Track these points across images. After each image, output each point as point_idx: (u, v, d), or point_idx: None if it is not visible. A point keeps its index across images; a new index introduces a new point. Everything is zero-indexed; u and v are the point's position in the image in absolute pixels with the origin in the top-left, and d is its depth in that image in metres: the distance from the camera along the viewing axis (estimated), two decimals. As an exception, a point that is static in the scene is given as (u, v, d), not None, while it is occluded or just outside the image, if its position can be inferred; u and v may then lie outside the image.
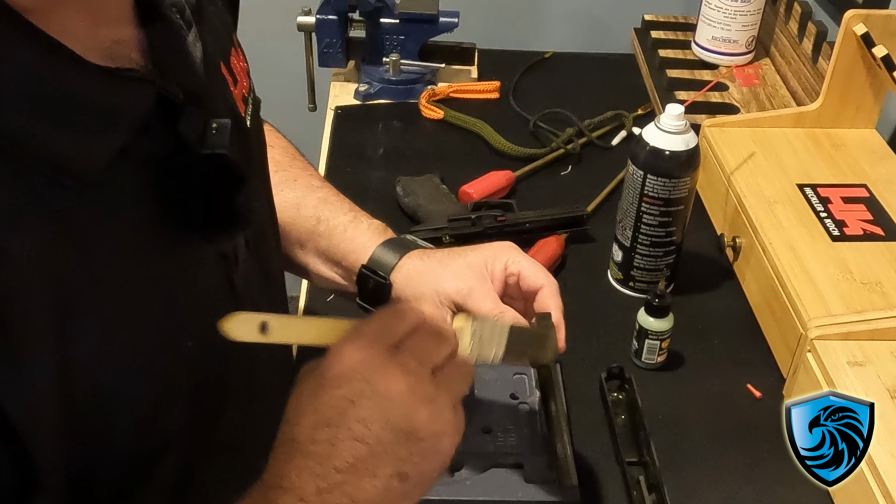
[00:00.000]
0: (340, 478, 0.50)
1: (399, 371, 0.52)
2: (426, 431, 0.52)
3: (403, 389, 0.52)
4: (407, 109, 1.36)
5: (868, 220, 1.02)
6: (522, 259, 0.76)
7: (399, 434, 0.51)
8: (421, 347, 0.54)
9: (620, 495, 0.81)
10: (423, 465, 0.53)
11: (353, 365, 0.52)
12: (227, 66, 0.62)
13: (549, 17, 1.81)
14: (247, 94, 0.65)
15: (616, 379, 0.91)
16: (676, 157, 0.94)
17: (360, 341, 0.53)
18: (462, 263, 0.76)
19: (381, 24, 1.37)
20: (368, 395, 0.51)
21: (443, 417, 0.53)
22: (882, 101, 1.16)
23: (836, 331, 0.87)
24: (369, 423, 0.51)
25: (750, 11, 1.37)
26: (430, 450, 0.53)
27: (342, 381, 0.52)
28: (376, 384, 0.51)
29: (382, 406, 0.51)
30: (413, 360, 0.53)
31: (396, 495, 0.52)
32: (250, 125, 0.64)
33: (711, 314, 1.01)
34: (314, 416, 0.52)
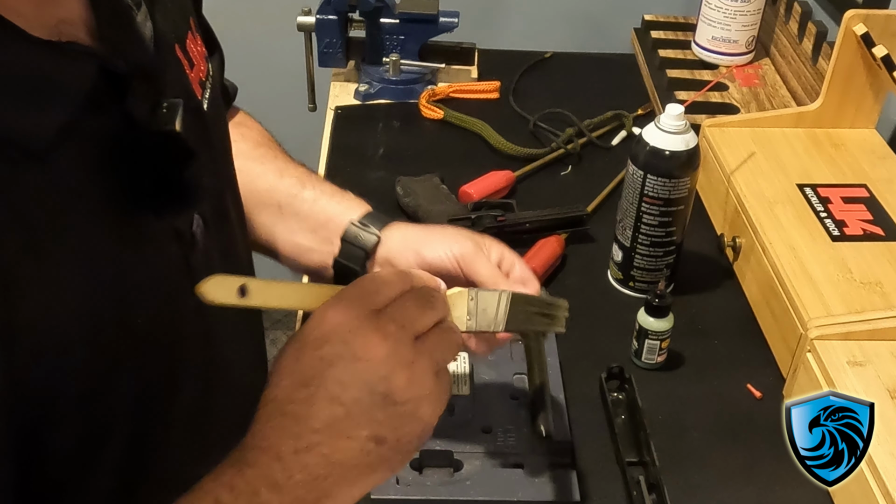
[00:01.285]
0: (317, 438, 0.51)
1: (378, 335, 0.53)
2: (404, 395, 0.53)
3: (382, 353, 0.52)
4: (407, 109, 1.36)
5: (868, 220, 1.02)
6: (515, 256, 0.77)
7: (376, 397, 0.52)
8: (404, 312, 0.54)
9: (620, 495, 0.81)
10: (400, 430, 0.53)
11: (333, 327, 0.53)
12: (182, 48, 0.62)
13: (549, 17, 1.81)
14: (204, 79, 0.65)
15: (616, 379, 0.91)
16: (676, 157, 0.94)
17: (342, 304, 0.54)
18: (457, 232, 0.77)
19: (381, 24, 1.37)
20: (346, 357, 0.52)
21: (422, 382, 0.54)
22: (882, 101, 1.16)
23: (835, 331, 0.87)
24: (346, 384, 0.52)
25: (750, 11, 1.37)
26: (407, 414, 0.53)
27: (322, 343, 0.53)
28: (354, 347, 0.52)
29: (359, 368, 0.52)
30: (393, 324, 0.53)
31: (374, 458, 0.53)
32: (208, 109, 0.64)
33: (711, 314, 1.01)
34: (293, 377, 0.53)
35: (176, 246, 0.57)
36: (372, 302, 0.54)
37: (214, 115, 0.67)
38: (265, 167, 0.84)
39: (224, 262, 0.66)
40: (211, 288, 0.53)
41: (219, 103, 0.70)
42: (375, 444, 0.52)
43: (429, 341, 0.55)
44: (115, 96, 0.50)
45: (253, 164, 0.84)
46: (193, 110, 0.60)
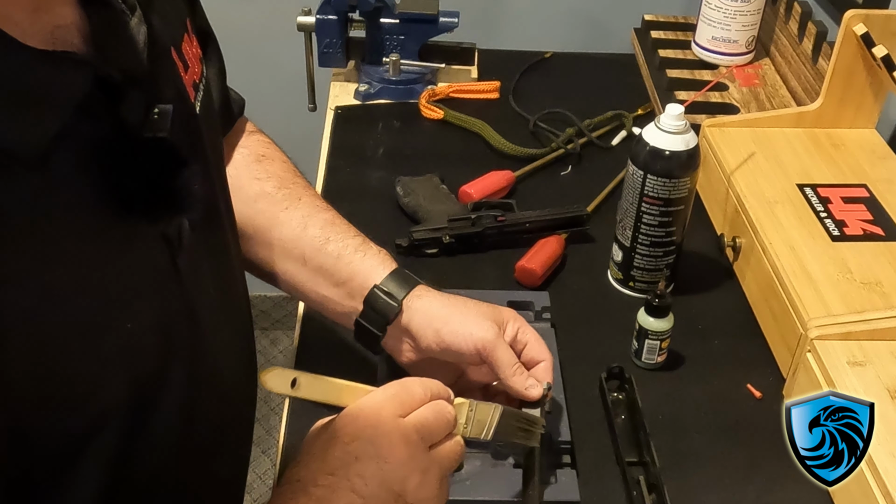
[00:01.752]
0: None
1: (402, 440, 0.61)
2: (414, 497, 0.60)
3: (402, 456, 0.60)
4: (407, 109, 1.36)
5: (868, 220, 1.02)
6: (530, 330, 0.80)
7: (391, 494, 0.60)
8: (424, 423, 0.63)
9: (620, 495, 0.81)
10: None
11: (364, 426, 0.61)
12: (178, 51, 0.62)
13: (549, 17, 1.82)
14: (198, 81, 0.65)
15: (616, 379, 0.91)
16: (676, 157, 0.94)
17: (374, 407, 0.62)
18: (478, 313, 0.79)
19: (381, 24, 1.37)
20: (371, 455, 0.60)
21: (430, 487, 0.62)
22: (882, 101, 1.16)
23: (836, 331, 0.87)
24: (367, 479, 0.59)
25: (750, 11, 1.37)
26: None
27: (352, 439, 0.60)
28: (380, 447, 0.60)
29: (381, 467, 0.60)
30: (415, 433, 0.62)
31: None
32: (200, 111, 0.64)
33: (711, 314, 1.01)
34: (320, 463, 0.60)
35: (164, 250, 0.57)
36: (399, 409, 0.62)
37: (206, 118, 0.67)
38: (290, 215, 0.84)
39: (213, 265, 0.66)
40: (269, 378, 0.63)
41: (211, 106, 0.70)
42: None
43: (441, 452, 0.64)
44: (108, 104, 0.50)
45: (277, 210, 0.84)
46: (186, 114, 0.61)
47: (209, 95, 0.68)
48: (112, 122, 0.51)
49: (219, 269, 0.68)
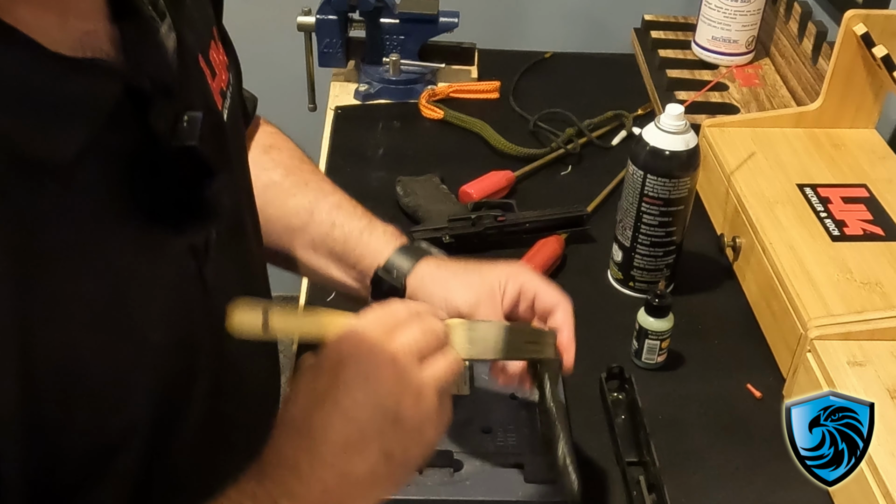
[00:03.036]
0: (332, 456, 0.55)
1: (390, 360, 0.57)
2: (412, 417, 0.57)
3: (393, 377, 0.57)
4: (407, 109, 1.36)
5: (868, 220, 1.02)
6: (538, 280, 0.78)
7: (388, 416, 0.56)
8: (412, 339, 0.59)
9: (620, 495, 0.81)
10: (408, 448, 0.57)
11: (348, 352, 0.57)
12: (205, 58, 0.62)
13: (550, 17, 1.81)
14: (225, 88, 0.65)
15: (616, 379, 0.91)
16: (676, 157, 0.94)
17: (357, 332, 0.58)
18: (476, 278, 0.77)
19: (381, 24, 1.37)
20: (359, 379, 0.56)
21: (427, 406, 0.58)
22: (882, 101, 1.16)
23: (835, 331, 0.87)
24: (361, 405, 0.56)
25: (750, 11, 1.37)
26: (414, 434, 0.57)
27: (339, 367, 0.56)
28: (368, 371, 0.56)
29: (372, 390, 0.56)
30: (403, 351, 0.58)
31: (382, 474, 0.56)
32: (227, 119, 0.64)
33: (711, 314, 1.01)
34: (311, 398, 0.56)
35: (191, 261, 0.58)
36: (383, 330, 0.59)
37: (233, 126, 0.67)
38: (298, 202, 0.84)
39: (239, 275, 0.66)
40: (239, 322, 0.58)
41: (237, 113, 0.70)
42: (385, 461, 0.56)
43: (434, 366, 0.59)
44: (137, 113, 0.50)
45: (285, 198, 0.84)
46: (213, 123, 0.60)
47: (235, 102, 0.68)
48: (140, 131, 0.50)
49: (243, 277, 0.68)
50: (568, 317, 0.76)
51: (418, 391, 0.57)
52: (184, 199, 0.53)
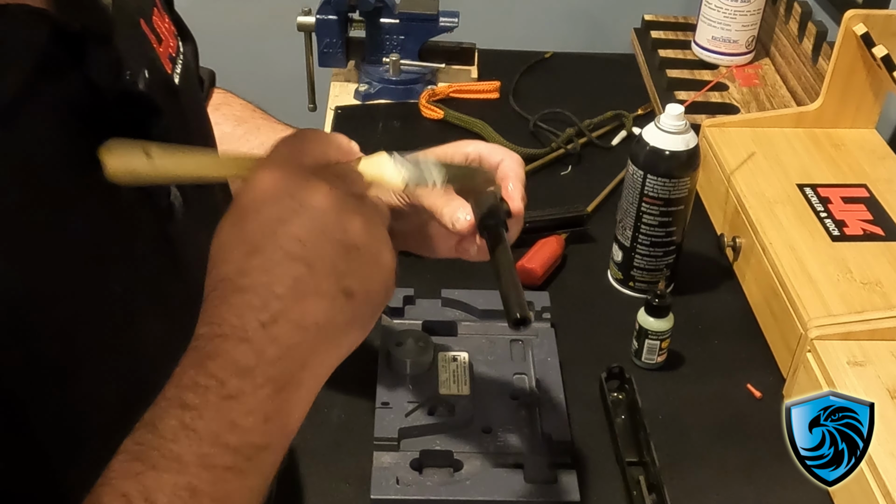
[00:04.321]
0: (282, 305, 0.47)
1: (324, 183, 0.49)
2: (364, 241, 0.49)
3: (333, 199, 0.48)
4: (407, 109, 1.36)
5: (868, 220, 1.02)
6: (482, 143, 0.74)
7: (337, 246, 0.48)
8: (339, 167, 0.52)
9: (620, 495, 0.81)
10: (367, 280, 0.49)
11: (273, 184, 0.48)
12: (148, 23, 0.61)
13: (549, 17, 1.81)
14: (174, 55, 0.64)
15: (616, 379, 0.91)
16: (676, 157, 0.94)
17: (275, 162, 0.50)
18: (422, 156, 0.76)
19: (381, 24, 1.37)
20: (297, 209, 0.48)
21: (377, 228, 0.50)
22: (882, 101, 1.16)
23: (836, 331, 0.87)
24: (302, 239, 0.47)
25: (750, 11, 1.37)
26: (370, 260, 0.50)
27: (266, 203, 0.48)
28: (303, 197, 0.48)
29: (315, 217, 0.48)
30: (334, 175, 0.50)
31: (347, 315, 0.49)
32: (180, 83, 0.63)
33: (711, 314, 1.01)
34: (241, 247, 0.48)
35: (149, 213, 0.56)
36: (305, 157, 0.51)
37: (187, 92, 0.66)
38: (250, 145, 0.84)
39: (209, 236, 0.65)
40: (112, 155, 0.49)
41: (193, 82, 0.70)
42: (345, 298, 0.48)
43: (367, 197, 0.52)
44: (73, 62, 0.50)
45: (238, 144, 0.84)
46: (163, 82, 0.60)
47: (189, 72, 0.67)
48: (80, 82, 0.50)
49: None
50: (513, 165, 0.71)
51: (363, 214, 0.49)
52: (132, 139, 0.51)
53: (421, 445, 0.81)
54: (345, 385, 0.88)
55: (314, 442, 0.84)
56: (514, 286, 0.63)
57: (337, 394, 0.88)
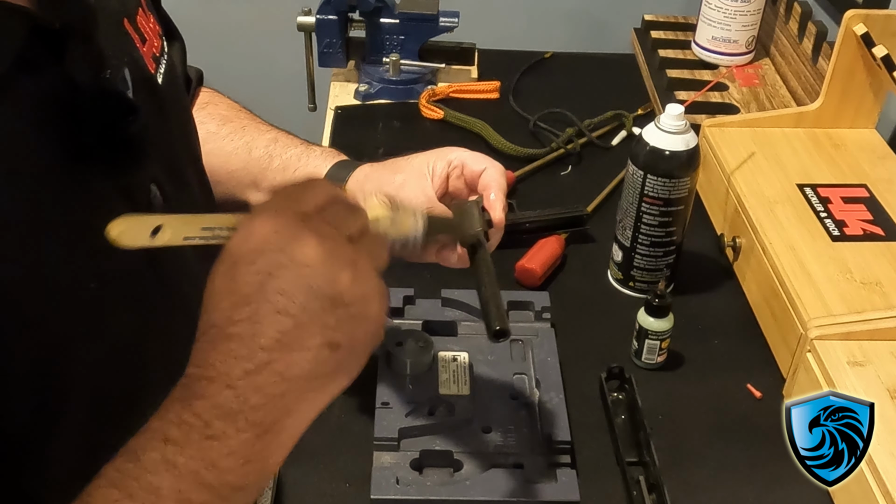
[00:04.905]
0: (267, 356, 0.48)
1: (315, 236, 0.49)
2: (351, 295, 0.49)
3: (322, 254, 0.49)
4: (407, 109, 1.36)
5: (868, 220, 1.02)
6: (464, 151, 0.76)
7: (324, 301, 0.48)
8: (334, 214, 0.52)
9: (620, 495, 0.81)
10: (353, 333, 0.50)
11: (264, 237, 0.49)
12: (132, 23, 0.62)
13: (549, 17, 1.81)
14: (158, 54, 0.65)
15: (616, 379, 0.91)
16: (676, 157, 0.94)
17: (268, 213, 0.50)
18: (404, 164, 0.78)
19: (381, 24, 1.37)
20: (286, 264, 0.48)
21: (367, 280, 0.50)
22: (882, 101, 1.16)
23: (836, 331, 0.87)
24: (291, 293, 0.48)
25: (750, 11, 1.37)
26: (358, 315, 0.50)
27: (256, 255, 0.49)
28: (293, 252, 0.48)
29: (302, 273, 0.48)
30: (327, 226, 0.50)
31: (330, 367, 0.50)
32: (163, 83, 0.64)
33: (711, 314, 1.01)
34: (231, 297, 0.49)
35: (127, 208, 0.55)
36: (300, 206, 0.51)
37: (171, 91, 0.66)
38: (234, 144, 0.84)
39: None
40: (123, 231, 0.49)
41: (177, 81, 0.70)
42: (330, 351, 0.49)
43: (364, 241, 0.52)
44: (53, 58, 0.50)
45: (223, 143, 0.84)
46: (145, 82, 0.60)
47: (173, 71, 0.68)
48: (59, 78, 0.50)
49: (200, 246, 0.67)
50: (495, 175, 0.72)
51: (353, 266, 0.50)
52: (109, 138, 0.52)
53: (421, 445, 0.81)
54: (345, 385, 0.88)
55: (314, 442, 0.84)
56: (494, 297, 0.63)
57: (337, 394, 0.88)
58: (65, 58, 0.50)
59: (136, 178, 0.58)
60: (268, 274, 0.48)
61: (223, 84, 0.92)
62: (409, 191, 0.75)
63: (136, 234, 0.50)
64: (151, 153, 0.58)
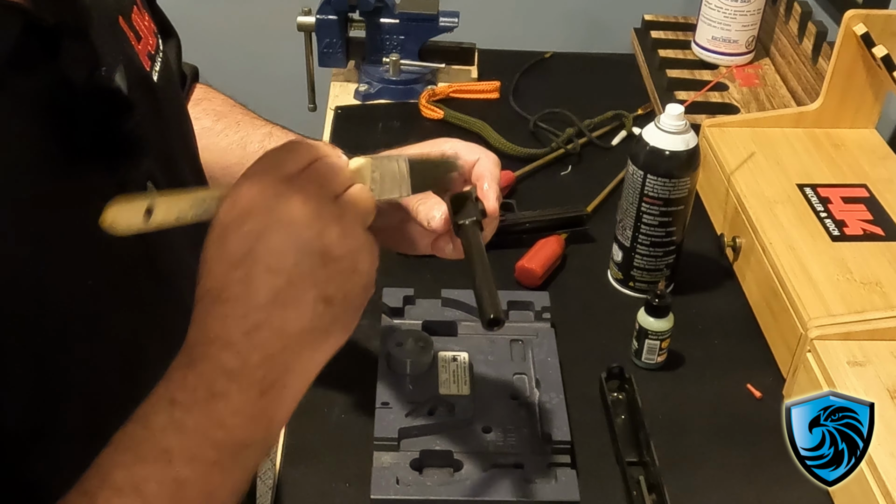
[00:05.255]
0: (264, 314, 0.49)
1: (300, 195, 0.50)
2: (340, 250, 0.51)
3: (308, 212, 0.50)
4: (407, 109, 1.36)
5: (868, 220, 1.02)
6: (457, 141, 0.76)
7: (314, 257, 0.50)
8: (318, 174, 0.53)
9: (620, 495, 0.81)
10: (346, 286, 0.51)
11: (250, 200, 0.50)
12: (127, 21, 0.62)
13: (549, 17, 1.81)
14: (153, 52, 0.65)
15: (616, 379, 0.91)
16: (676, 157, 0.94)
17: (253, 178, 0.52)
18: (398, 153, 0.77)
19: (381, 24, 1.37)
20: (273, 224, 0.50)
21: (355, 234, 0.52)
22: (882, 101, 1.16)
23: (836, 331, 0.87)
24: (281, 252, 0.49)
25: (750, 11, 1.37)
26: (348, 269, 0.51)
27: (243, 219, 0.50)
28: (279, 212, 0.50)
29: (290, 232, 0.50)
30: (312, 185, 0.51)
31: (327, 320, 0.51)
32: (158, 81, 0.64)
33: (711, 314, 1.01)
34: (223, 262, 0.50)
35: None
36: (283, 169, 0.52)
37: (166, 89, 0.66)
38: (229, 140, 0.84)
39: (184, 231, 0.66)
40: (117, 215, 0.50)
41: (172, 79, 0.70)
42: (325, 305, 0.50)
43: (349, 198, 0.53)
44: (47, 56, 0.50)
45: (218, 139, 0.84)
46: (141, 79, 0.60)
47: (169, 69, 0.68)
48: (53, 76, 0.50)
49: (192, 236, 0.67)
50: (489, 165, 0.73)
51: (340, 220, 0.51)
52: (104, 134, 0.53)
53: (421, 445, 0.81)
54: (345, 385, 0.88)
55: (314, 442, 0.84)
56: (488, 286, 0.64)
57: (337, 394, 0.88)
58: (59, 55, 0.50)
59: (133, 175, 0.58)
60: (256, 235, 0.49)
61: (223, 84, 0.92)
62: None
63: (130, 218, 0.51)
64: (147, 150, 0.58)
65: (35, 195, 0.50)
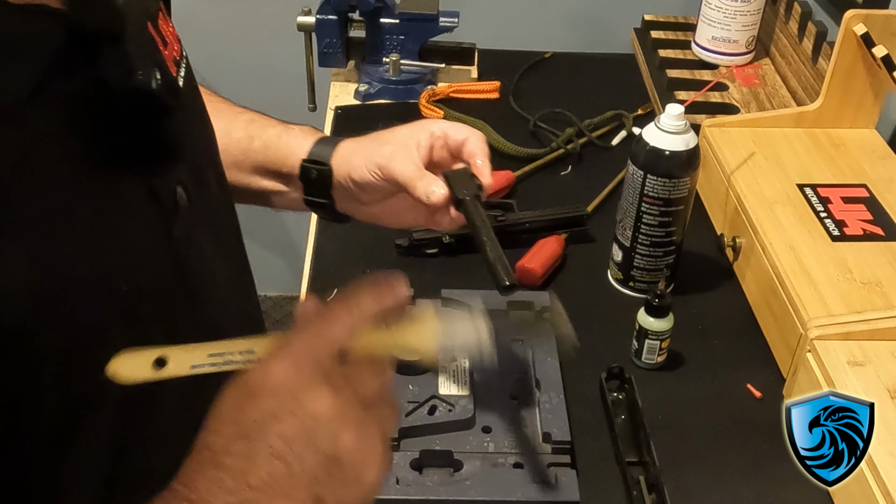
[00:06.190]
0: (252, 495, 0.47)
1: (329, 391, 0.50)
2: (350, 458, 0.50)
3: (332, 410, 0.49)
4: (407, 109, 1.36)
5: (868, 220, 1.02)
6: (445, 122, 0.79)
7: (321, 456, 0.49)
8: (357, 379, 0.52)
9: (620, 495, 0.81)
10: (341, 493, 0.50)
11: (281, 379, 0.50)
12: (154, 26, 0.62)
13: (549, 17, 1.81)
14: (178, 58, 0.65)
15: (616, 379, 0.91)
16: (676, 157, 0.94)
17: (290, 356, 0.51)
18: (390, 136, 0.79)
19: (381, 24, 1.37)
20: (294, 411, 0.49)
21: (370, 446, 0.51)
22: (882, 101, 1.16)
23: (835, 331, 0.87)
24: (291, 441, 0.48)
25: (750, 11, 1.37)
26: (351, 479, 0.50)
27: (267, 394, 0.49)
28: (303, 401, 0.49)
29: (307, 425, 0.49)
30: (344, 381, 0.51)
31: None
32: (184, 86, 0.65)
33: (711, 314, 1.01)
34: (233, 427, 0.49)
35: (155, 212, 0.57)
36: (321, 352, 0.51)
37: (190, 93, 0.67)
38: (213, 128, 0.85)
39: (210, 236, 0.66)
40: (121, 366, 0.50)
41: (194, 85, 0.71)
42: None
43: (377, 407, 0.52)
44: (86, 61, 0.51)
45: None
46: (169, 84, 0.61)
47: (191, 74, 0.68)
48: (92, 80, 0.51)
49: (214, 237, 0.67)
50: (478, 143, 0.77)
51: (360, 430, 0.50)
52: (142, 137, 0.53)
53: (421, 445, 0.81)
54: (345, 385, 0.88)
55: (314, 442, 0.84)
56: (499, 255, 0.67)
57: (337, 394, 0.88)
58: (97, 60, 0.51)
59: (164, 179, 0.58)
60: (273, 415, 0.49)
61: (223, 84, 0.92)
62: (399, 161, 0.76)
63: (136, 368, 0.50)
64: (181, 154, 0.59)
65: (70, 198, 0.50)
